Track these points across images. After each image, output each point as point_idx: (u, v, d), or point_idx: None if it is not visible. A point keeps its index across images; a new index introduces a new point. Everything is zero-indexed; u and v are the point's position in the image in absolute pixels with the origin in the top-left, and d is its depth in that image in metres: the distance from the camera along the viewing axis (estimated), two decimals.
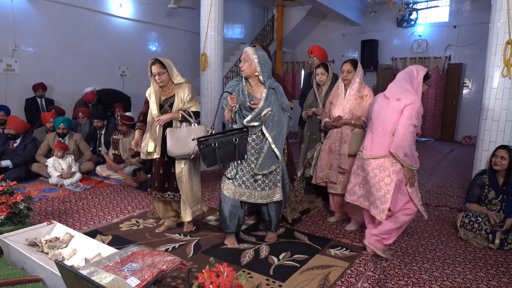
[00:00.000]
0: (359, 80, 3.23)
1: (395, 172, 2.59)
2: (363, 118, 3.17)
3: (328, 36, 10.99)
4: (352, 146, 3.19)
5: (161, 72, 2.91)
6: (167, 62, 2.95)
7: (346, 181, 3.27)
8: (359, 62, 3.28)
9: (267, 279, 2.40)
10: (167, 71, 2.94)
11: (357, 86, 3.22)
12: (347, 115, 3.24)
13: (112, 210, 3.73)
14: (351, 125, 3.23)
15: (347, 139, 3.23)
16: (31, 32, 6.12)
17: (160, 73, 2.91)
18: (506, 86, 3.44)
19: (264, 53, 2.73)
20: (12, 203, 2.69)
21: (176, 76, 2.99)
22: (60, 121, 5.00)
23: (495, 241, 2.96)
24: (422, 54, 9.66)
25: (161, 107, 3.01)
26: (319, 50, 4.29)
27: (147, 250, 1.98)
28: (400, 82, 2.68)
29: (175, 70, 2.99)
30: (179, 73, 3.03)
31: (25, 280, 2.04)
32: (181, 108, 2.96)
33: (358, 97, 3.22)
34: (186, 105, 2.97)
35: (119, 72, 7.67)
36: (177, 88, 3.01)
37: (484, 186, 3.26)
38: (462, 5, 9.15)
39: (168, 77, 2.96)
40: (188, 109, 2.96)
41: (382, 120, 2.65)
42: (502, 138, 3.49)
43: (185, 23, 8.64)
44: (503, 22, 3.41)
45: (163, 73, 2.92)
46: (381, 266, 2.65)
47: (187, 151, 2.88)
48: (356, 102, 3.22)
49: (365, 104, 3.20)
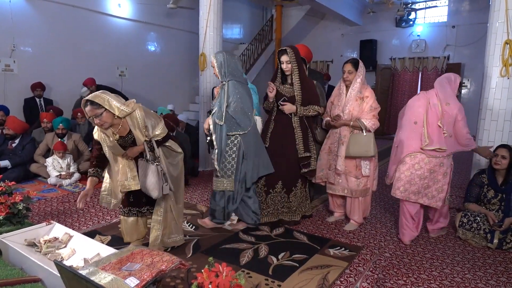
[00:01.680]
0: (360, 80, 3.19)
1: (450, 167, 3.02)
2: (362, 120, 3.15)
3: (327, 36, 11.00)
4: (350, 148, 3.16)
5: (97, 113, 2.30)
6: (101, 98, 2.30)
7: (344, 183, 3.29)
8: (360, 62, 3.23)
9: (266, 279, 2.40)
10: (105, 109, 2.31)
11: (358, 86, 3.19)
12: (346, 116, 3.20)
13: (111, 211, 3.73)
14: (350, 127, 3.20)
15: (345, 140, 3.20)
16: (30, 32, 6.11)
17: (97, 115, 2.30)
18: (504, 86, 3.44)
19: (221, 55, 3.07)
20: (10, 204, 2.68)
21: (117, 109, 2.33)
22: (59, 122, 5.00)
23: (494, 241, 2.97)
24: (420, 54, 9.68)
25: (123, 147, 2.51)
26: (304, 49, 3.96)
27: (146, 250, 1.98)
28: (445, 87, 2.98)
29: (115, 102, 2.33)
30: (121, 100, 2.39)
31: (24, 280, 2.03)
32: (145, 139, 2.48)
33: (358, 98, 3.19)
34: (150, 134, 2.47)
35: (118, 72, 7.65)
36: (128, 120, 2.42)
37: (483, 186, 3.27)
38: (461, 5, 9.18)
39: (109, 115, 2.33)
40: (153, 139, 2.49)
41: (435, 122, 2.95)
42: (500, 137, 3.50)
43: (184, 23, 8.64)
44: (502, 22, 3.41)
45: (101, 113, 2.30)
46: (380, 266, 2.65)
47: (148, 192, 2.54)
48: (356, 103, 3.18)
49: (365, 106, 3.17)
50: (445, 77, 3.07)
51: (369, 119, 3.16)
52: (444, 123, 2.93)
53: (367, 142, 3.13)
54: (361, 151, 3.14)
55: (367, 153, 3.14)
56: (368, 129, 3.15)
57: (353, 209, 3.34)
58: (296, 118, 3.27)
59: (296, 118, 3.27)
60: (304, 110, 3.23)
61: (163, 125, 2.55)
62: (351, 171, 3.24)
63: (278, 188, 3.31)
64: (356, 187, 3.25)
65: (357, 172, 3.23)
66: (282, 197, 3.32)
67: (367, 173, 3.23)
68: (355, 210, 3.33)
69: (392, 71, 10.09)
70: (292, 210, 3.36)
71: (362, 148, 3.13)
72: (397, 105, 10.13)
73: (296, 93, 3.21)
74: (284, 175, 3.29)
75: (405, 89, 10.01)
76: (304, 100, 3.22)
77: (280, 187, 3.31)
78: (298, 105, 3.22)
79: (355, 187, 3.25)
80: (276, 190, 3.31)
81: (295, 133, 3.27)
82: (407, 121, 3.09)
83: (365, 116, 3.16)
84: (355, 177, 3.24)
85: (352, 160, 3.22)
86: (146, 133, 2.46)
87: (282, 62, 3.19)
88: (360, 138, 3.15)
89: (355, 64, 3.20)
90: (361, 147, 3.13)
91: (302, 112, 3.23)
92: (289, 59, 3.14)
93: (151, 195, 2.52)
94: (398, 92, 10.10)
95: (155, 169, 2.47)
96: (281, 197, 3.32)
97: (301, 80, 3.21)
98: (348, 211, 3.39)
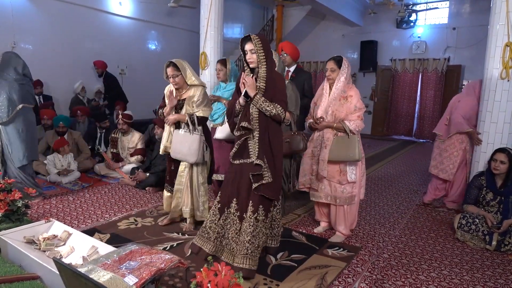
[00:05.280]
0: (344, 79, 2.95)
1: (461, 149, 3.89)
2: (346, 121, 2.90)
3: (327, 36, 11.00)
4: (333, 152, 2.92)
5: (175, 74, 2.99)
6: (181, 65, 3.01)
7: (328, 189, 3.04)
8: (345, 59, 2.98)
9: (265, 278, 2.41)
10: (181, 74, 3.01)
11: (342, 85, 2.95)
12: (329, 117, 2.97)
13: (110, 209, 3.73)
14: (333, 129, 2.95)
15: (328, 143, 2.94)
16: (30, 30, 6.11)
17: (174, 76, 2.99)
18: (504, 88, 3.45)
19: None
20: (10, 201, 2.69)
21: (189, 78, 3.06)
22: (59, 119, 5.01)
23: (492, 243, 2.97)
24: (421, 56, 9.68)
25: (175, 107, 3.12)
26: (290, 47, 3.94)
27: (145, 249, 1.98)
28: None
29: (189, 72, 3.06)
30: (195, 75, 3.10)
31: (22, 277, 2.04)
32: (188, 111, 3.05)
33: (342, 97, 2.96)
34: (194, 109, 3.04)
35: (118, 71, 7.65)
36: (190, 90, 3.09)
37: (482, 188, 3.27)
38: (462, 7, 9.17)
39: (182, 79, 3.04)
40: (195, 113, 3.03)
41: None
42: (500, 140, 3.50)
43: (185, 22, 8.64)
44: (502, 25, 3.42)
45: (177, 75, 3.00)
46: (379, 267, 2.66)
47: (179, 157, 3.09)
48: (340, 103, 2.95)
49: (349, 105, 2.94)
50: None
51: (353, 120, 2.91)
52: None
53: (351, 145, 2.90)
54: (345, 155, 2.90)
55: (351, 157, 2.90)
56: (352, 131, 2.90)
57: (338, 219, 3.07)
58: (255, 110, 2.46)
59: (255, 110, 2.46)
60: (264, 102, 2.41)
61: (209, 112, 3.13)
62: (334, 176, 2.98)
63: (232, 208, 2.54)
64: (341, 194, 2.99)
65: (341, 178, 2.97)
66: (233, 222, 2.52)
67: (353, 179, 2.98)
68: (340, 219, 3.06)
69: (392, 72, 10.09)
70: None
71: (346, 152, 2.90)
72: (397, 106, 10.13)
73: (260, 85, 2.44)
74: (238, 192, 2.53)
75: (405, 90, 10.01)
76: (266, 96, 2.45)
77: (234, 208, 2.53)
78: (259, 95, 2.43)
79: (339, 194, 2.99)
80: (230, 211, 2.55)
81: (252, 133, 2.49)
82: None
83: (349, 118, 2.92)
84: (338, 182, 2.98)
85: (335, 165, 2.97)
86: (193, 107, 3.04)
87: (246, 52, 2.45)
88: (344, 141, 2.92)
89: (338, 62, 2.96)
90: (345, 151, 2.90)
91: (261, 102, 2.41)
92: (254, 47, 2.40)
93: (187, 160, 3.04)
94: (398, 93, 10.09)
95: (198, 138, 3.00)
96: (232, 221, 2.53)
97: (268, 72, 2.45)
98: (333, 221, 3.13)
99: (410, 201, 4.30)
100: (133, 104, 6.99)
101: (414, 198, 4.45)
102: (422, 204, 4.16)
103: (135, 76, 7.90)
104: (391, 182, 5.19)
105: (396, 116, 10.19)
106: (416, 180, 5.39)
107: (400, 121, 10.16)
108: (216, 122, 3.80)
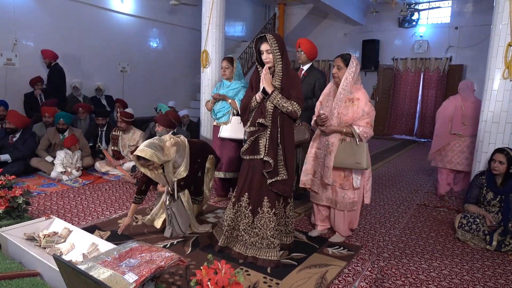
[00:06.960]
0: (352, 79, 2.74)
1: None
2: (355, 126, 2.72)
3: (329, 35, 10.99)
4: (339, 159, 2.75)
5: (149, 164, 2.74)
6: (151, 155, 2.65)
7: (329, 193, 2.94)
8: (354, 57, 2.78)
9: (265, 277, 2.41)
10: (153, 162, 2.73)
11: (348, 86, 2.74)
12: (335, 119, 2.76)
13: (111, 206, 3.73)
14: (343, 134, 2.76)
15: (333, 149, 2.76)
16: (32, 27, 6.10)
17: (149, 165, 2.75)
18: (506, 88, 3.44)
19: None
20: (10, 197, 2.69)
21: (160, 159, 2.75)
22: (60, 117, 5.01)
23: (493, 243, 2.96)
24: (423, 55, 9.66)
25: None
26: (308, 45, 3.78)
27: (145, 246, 1.98)
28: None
29: (158, 154, 2.71)
30: (161, 148, 2.79)
31: (22, 274, 2.04)
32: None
33: (348, 99, 2.75)
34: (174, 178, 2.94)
35: (120, 68, 7.65)
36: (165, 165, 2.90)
37: (482, 187, 3.27)
38: (464, 7, 9.15)
39: (157, 164, 2.75)
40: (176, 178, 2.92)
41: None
42: (502, 140, 3.49)
43: (186, 20, 8.63)
44: (505, 24, 3.40)
45: (151, 164, 2.74)
46: (379, 266, 2.65)
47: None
48: (345, 105, 2.75)
49: (356, 109, 2.73)
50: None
51: (362, 126, 2.73)
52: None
53: (359, 152, 2.71)
54: (351, 162, 2.72)
55: (358, 165, 2.72)
56: (360, 138, 2.73)
57: (337, 221, 3.00)
58: (271, 106, 2.56)
59: (271, 106, 2.56)
60: (281, 98, 2.51)
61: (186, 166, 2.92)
62: (336, 180, 2.87)
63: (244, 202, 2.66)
64: (341, 199, 2.88)
65: (344, 182, 2.86)
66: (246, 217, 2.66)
67: (358, 185, 2.85)
68: (340, 222, 2.99)
69: (394, 72, 10.08)
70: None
71: (353, 159, 2.72)
72: (398, 105, 10.12)
73: (276, 83, 2.54)
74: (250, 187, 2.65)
75: (406, 89, 10.00)
76: (283, 94, 2.55)
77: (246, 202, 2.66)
78: (277, 92, 2.53)
79: (340, 199, 2.89)
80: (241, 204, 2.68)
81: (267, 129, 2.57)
82: None
83: (358, 123, 2.73)
84: (340, 186, 2.87)
85: (340, 171, 2.84)
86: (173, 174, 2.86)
87: (262, 52, 2.54)
88: (352, 148, 2.73)
89: (346, 60, 2.75)
90: (352, 158, 2.72)
91: (278, 99, 2.51)
92: (270, 47, 2.47)
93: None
94: (400, 92, 10.09)
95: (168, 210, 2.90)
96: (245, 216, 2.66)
97: (284, 70, 2.53)
98: (332, 223, 3.06)
99: (410, 201, 4.29)
100: (134, 102, 6.99)
101: (414, 197, 4.44)
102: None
103: (136, 74, 7.89)
104: (392, 182, 5.18)
105: (397, 115, 10.18)
106: (416, 179, 5.38)
107: (401, 120, 10.16)
108: (220, 120, 3.78)
